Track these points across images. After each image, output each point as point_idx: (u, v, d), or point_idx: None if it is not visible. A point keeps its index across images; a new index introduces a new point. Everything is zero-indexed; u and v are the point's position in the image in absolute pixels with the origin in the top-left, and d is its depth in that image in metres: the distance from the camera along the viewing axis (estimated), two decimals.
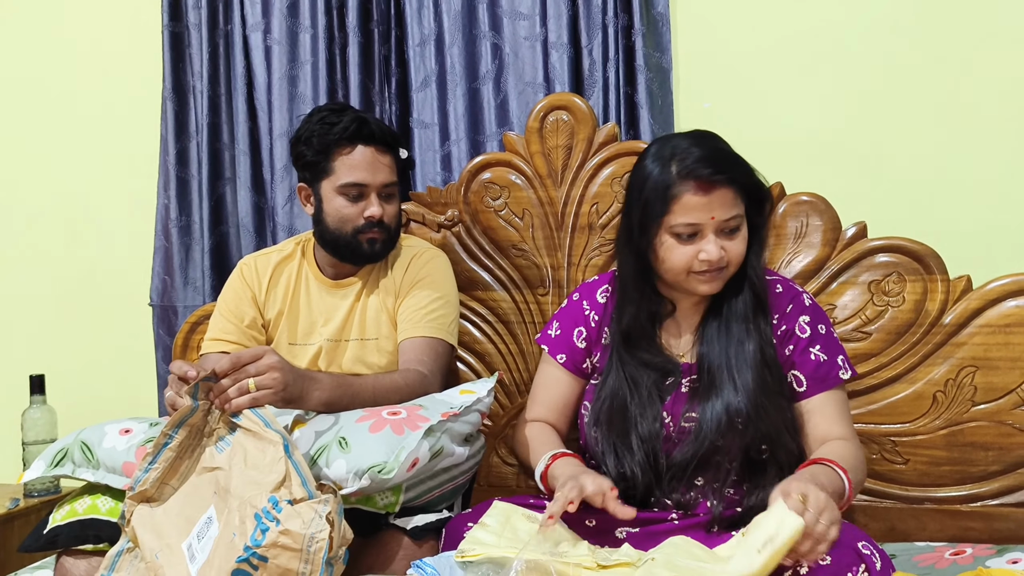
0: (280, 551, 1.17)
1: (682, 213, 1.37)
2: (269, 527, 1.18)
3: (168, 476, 1.37)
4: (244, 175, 2.27)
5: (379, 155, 1.70)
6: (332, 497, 1.22)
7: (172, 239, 2.32)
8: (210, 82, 2.26)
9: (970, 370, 1.67)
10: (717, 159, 1.37)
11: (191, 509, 1.32)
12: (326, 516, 1.19)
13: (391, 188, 1.73)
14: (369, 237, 1.70)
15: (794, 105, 2.01)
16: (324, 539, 1.17)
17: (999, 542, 1.57)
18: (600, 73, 2.04)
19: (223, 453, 1.32)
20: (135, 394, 2.41)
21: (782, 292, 1.49)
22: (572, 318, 1.57)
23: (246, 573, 1.18)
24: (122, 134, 2.45)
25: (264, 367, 1.35)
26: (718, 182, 1.36)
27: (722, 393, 1.39)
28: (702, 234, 1.38)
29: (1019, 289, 1.65)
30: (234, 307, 1.79)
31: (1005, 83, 1.89)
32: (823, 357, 1.45)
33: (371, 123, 1.70)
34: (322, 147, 1.69)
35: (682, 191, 1.37)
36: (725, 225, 1.38)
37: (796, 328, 1.45)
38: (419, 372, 1.62)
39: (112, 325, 2.48)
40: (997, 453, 1.65)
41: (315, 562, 1.17)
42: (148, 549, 1.32)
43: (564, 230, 1.92)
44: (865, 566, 1.18)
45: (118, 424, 1.56)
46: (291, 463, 1.25)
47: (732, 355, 1.41)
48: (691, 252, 1.39)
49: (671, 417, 1.43)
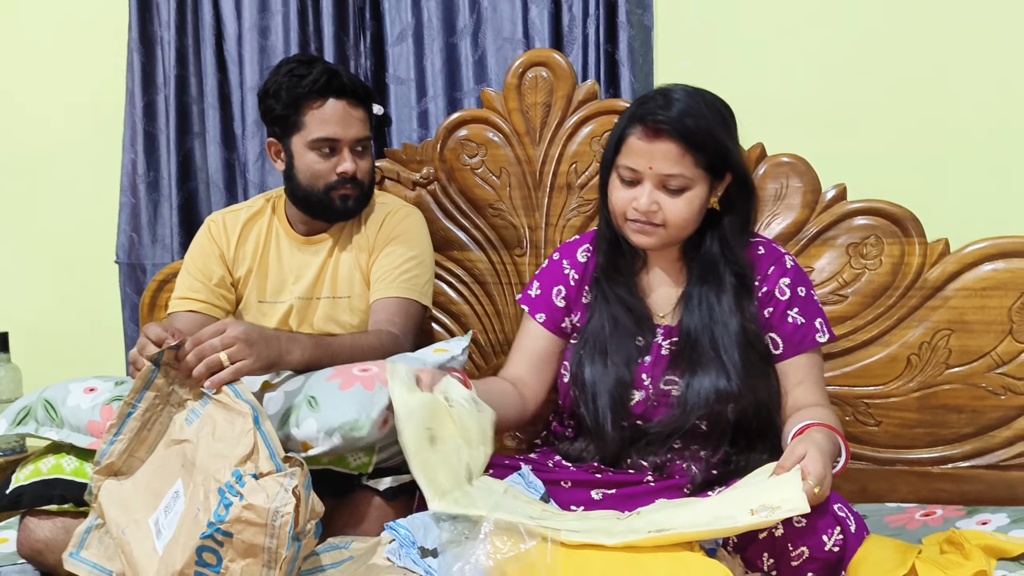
0: (244, 526, 1.13)
1: (626, 155, 1.37)
2: (232, 502, 1.13)
3: (136, 448, 1.32)
4: (213, 130, 2.22)
5: (351, 108, 1.65)
6: (299, 470, 1.18)
7: (139, 195, 2.27)
8: (178, 32, 2.20)
9: (945, 333, 1.67)
10: (675, 111, 1.33)
11: (159, 483, 1.28)
12: (292, 490, 1.14)
13: (364, 143, 1.69)
14: (342, 193, 1.66)
15: (776, 66, 1.98)
16: (289, 513, 1.13)
17: (969, 504, 1.59)
18: (580, 30, 2.00)
19: (192, 425, 1.27)
20: (101, 353, 2.37)
21: (764, 254, 1.46)
22: (552, 277, 1.55)
23: (211, 550, 1.14)
24: (86, 86, 2.38)
25: (229, 339, 1.28)
26: (663, 132, 1.33)
27: (709, 371, 1.37)
28: (641, 182, 1.36)
29: (996, 253, 1.65)
30: (201, 265, 1.75)
31: (987, 47, 1.88)
32: (800, 320, 1.43)
33: (342, 75, 1.65)
34: (291, 101, 1.64)
35: (629, 132, 1.36)
36: (666, 180, 1.35)
37: (776, 291, 1.44)
38: (391, 333, 1.59)
39: (77, 283, 2.43)
40: (970, 416, 1.67)
41: (281, 537, 1.13)
42: (115, 524, 1.28)
43: (542, 189, 1.89)
44: (840, 528, 1.18)
45: (83, 382, 1.53)
46: (260, 435, 1.20)
47: (718, 333, 1.39)
48: (628, 197, 1.38)
49: (650, 379, 1.42)
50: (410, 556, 1.22)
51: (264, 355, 1.33)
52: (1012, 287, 1.64)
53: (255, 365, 1.31)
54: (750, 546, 1.20)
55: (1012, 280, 1.64)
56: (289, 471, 1.17)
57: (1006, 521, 1.43)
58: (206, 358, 1.27)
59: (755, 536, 1.19)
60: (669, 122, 1.32)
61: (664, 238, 1.40)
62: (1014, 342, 1.64)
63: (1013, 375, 1.65)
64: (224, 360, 1.27)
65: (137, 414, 1.31)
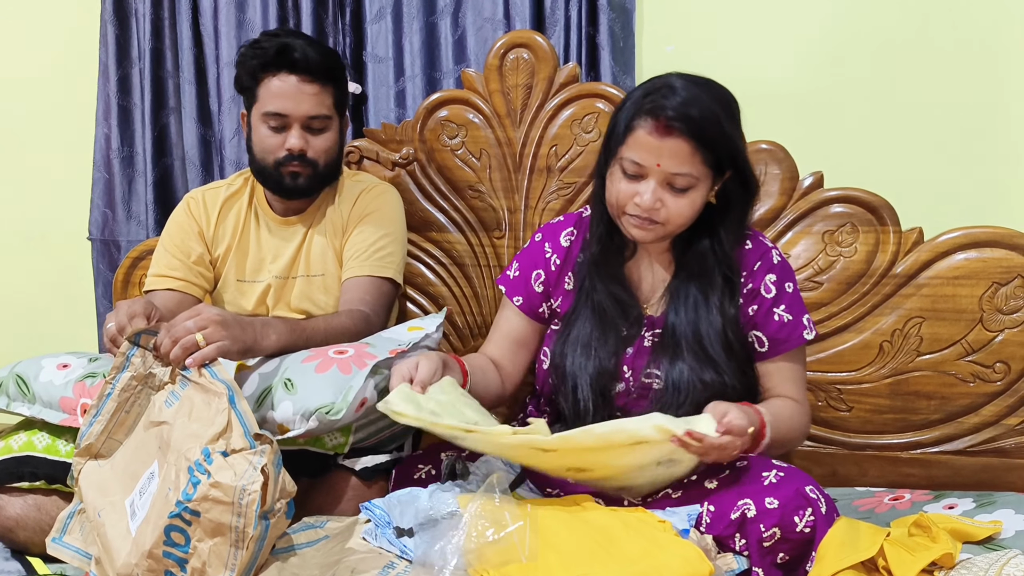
0: (212, 505, 1.12)
1: (633, 148, 1.31)
2: (200, 480, 1.12)
3: (115, 430, 1.31)
4: (189, 105, 2.18)
5: (303, 84, 1.60)
6: (268, 448, 1.16)
7: (113, 170, 2.23)
8: (153, 5, 2.16)
9: (917, 321, 1.70)
10: (689, 108, 1.27)
11: (136, 464, 1.27)
12: (261, 468, 1.13)
13: (320, 121, 1.63)
14: (291, 170, 1.63)
15: (756, 52, 1.99)
16: (256, 491, 1.11)
17: (936, 488, 1.62)
18: (562, 11, 1.99)
19: (171, 407, 1.26)
20: (74, 330, 2.34)
21: (751, 249, 1.42)
22: (532, 260, 1.52)
23: (179, 529, 1.13)
24: (59, 58, 2.33)
25: (203, 321, 1.28)
26: (675, 129, 1.27)
27: (693, 364, 1.36)
28: (645, 178, 1.32)
29: (969, 242, 1.67)
30: (180, 242, 1.73)
31: (964, 37, 1.89)
32: (787, 318, 1.40)
33: (295, 49, 1.59)
34: (250, 72, 1.62)
35: (639, 125, 1.30)
36: (672, 179, 1.30)
37: (762, 288, 1.41)
38: (362, 312, 1.58)
39: (50, 259, 2.40)
40: (939, 402, 1.70)
41: (248, 515, 1.11)
42: (91, 507, 1.27)
43: (522, 172, 1.89)
44: (811, 509, 1.19)
45: (56, 358, 1.51)
46: (235, 413, 1.19)
47: (702, 327, 1.37)
48: (630, 191, 1.33)
49: (632, 371, 1.41)
50: (386, 536, 1.22)
51: (239, 337, 1.32)
52: (983, 276, 1.66)
53: (233, 346, 1.30)
54: (721, 526, 1.21)
55: (984, 269, 1.66)
56: (259, 449, 1.16)
57: (972, 506, 1.46)
58: (180, 340, 1.26)
59: (727, 517, 1.20)
60: (683, 119, 1.27)
61: (661, 234, 1.36)
62: (984, 330, 1.67)
63: (982, 363, 1.67)
64: (200, 340, 1.26)
65: (114, 395, 1.30)
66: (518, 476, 1.36)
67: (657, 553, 1.13)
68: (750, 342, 1.41)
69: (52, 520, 1.43)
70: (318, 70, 1.62)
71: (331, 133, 1.67)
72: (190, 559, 1.15)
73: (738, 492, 1.22)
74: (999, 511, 1.40)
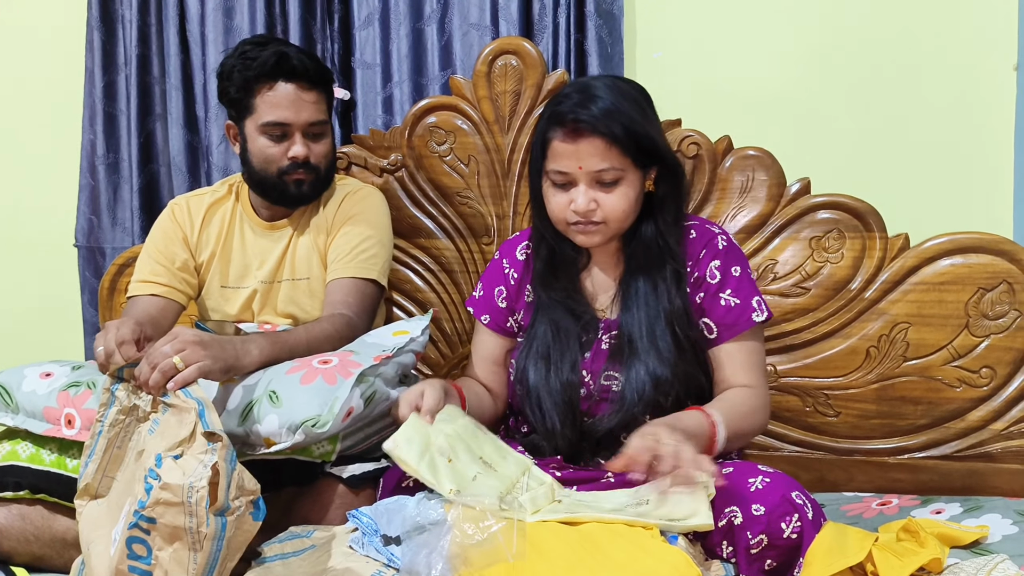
0: (164, 508, 1.09)
1: (553, 160, 1.34)
2: (152, 485, 1.10)
3: (109, 467, 1.29)
4: (176, 111, 2.18)
5: (302, 92, 1.61)
6: (219, 444, 1.13)
7: (99, 177, 2.22)
8: (140, 11, 2.16)
9: (903, 326, 1.70)
10: (588, 106, 1.30)
11: (124, 496, 1.25)
12: (212, 465, 1.10)
13: (319, 127, 1.64)
14: (295, 178, 1.63)
15: (744, 59, 2.00)
16: (203, 487, 1.08)
17: (924, 493, 1.62)
18: (551, 18, 1.99)
19: (153, 435, 1.25)
20: (59, 338, 2.32)
21: (696, 237, 1.42)
22: (493, 278, 1.53)
23: (140, 540, 1.11)
24: (44, 64, 2.32)
25: (180, 344, 1.26)
26: (584, 130, 1.30)
27: (645, 360, 1.36)
28: (575, 184, 1.34)
29: (955, 248, 1.68)
30: (164, 248, 1.72)
31: (949, 44, 1.91)
32: (734, 302, 1.39)
33: (292, 57, 1.60)
34: (243, 83, 1.61)
35: (552, 137, 1.33)
36: (598, 176, 1.32)
37: (707, 275, 1.40)
38: (345, 316, 1.57)
39: (35, 266, 2.38)
40: (926, 407, 1.70)
41: (199, 514, 1.09)
42: (85, 543, 1.25)
43: (510, 178, 1.89)
44: (798, 515, 1.19)
45: (38, 367, 1.50)
46: (201, 422, 1.17)
47: (653, 322, 1.37)
48: (565, 201, 1.35)
49: (590, 375, 1.40)
50: (373, 544, 1.21)
51: (219, 356, 1.30)
52: (969, 282, 1.67)
53: (214, 365, 1.28)
54: (708, 534, 1.21)
55: (969, 275, 1.67)
56: (208, 447, 1.14)
57: (959, 511, 1.46)
58: (159, 365, 1.24)
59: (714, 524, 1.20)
60: (589, 119, 1.30)
61: (607, 234, 1.38)
62: (970, 336, 1.68)
63: (968, 368, 1.68)
64: (178, 363, 1.24)
65: (104, 432, 1.28)
66: None
67: (645, 559, 1.13)
68: (700, 330, 1.41)
69: (36, 530, 1.41)
70: (315, 77, 1.62)
71: (328, 138, 1.68)
72: (153, 571, 1.13)
73: (724, 499, 1.22)
74: (986, 516, 1.41)
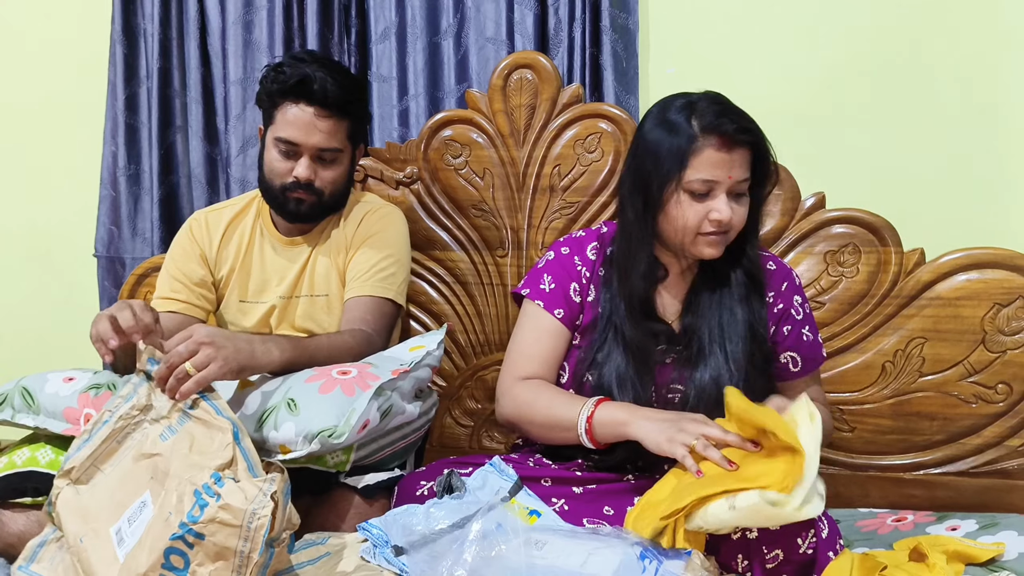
0: (218, 527, 1.11)
1: (702, 168, 1.33)
2: (209, 503, 1.11)
3: (100, 458, 1.31)
4: (196, 124, 2.20)
5: (318, 117, 1.61)
6: (279, 476, 1.16)
7: (120, 188, 2.25)
8: (161, 25, 2.18)
9: (919, 341, 1.70)
10: (740, 117, 1.34)
11: (123, 494, 1.26)
12: (271, 495, 1.12)
13: (331, 154, 1.64)
14: (295, 196, 1.65)
15: (758, 74, 2.00)
16: (266, 516, 1.10)
17: (939, 509, 1.61)
18: (565, 32, 2.00)
19: (167, 441, 1.26)
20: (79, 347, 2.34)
21: (776, 270, 1.46)
22: (566, 272, 1.49)
23: (179, 552, 1.12)
24: (68, 77, 2.36)
25: (194, 344, 1.27)
26: (741, 141, 1.33)
27: (710, 362, 1.37)
28: (714, 193, 1.34)
29: (970, 263, 1.68)
30: (182, 265, 1.74)
31: (963, 58, 1.91)
32: (811, 337, 1.47)
33: (314, 81, 1.60)
34: (268, 95, 1.65)
35: (704, 146, 1.32)
36: (738, 187, 1.35)
37: (792, 308, 1.45)
38: (364, 332, 1.58)
39: (56, 276, 2.41)
40: (941, 423, 1.69)
41: (255, 540, 1.10)
42: (72, 534, 1.26)
43: (525, 191, 1.90)
44: (814, 531, 1.19)
45: (61, 373, 1.53)
46: (240, 450, 1.19)
47: (725, 325, 1.39)
48: (703, 211, 1.34)
49: (654, 387, 1.41)
50: (383, 555, 1.22)
51: (233, 358, 1.31)
52: (985, 297, 1.67)
53: (222, 369, 1.29)
54: (723, 547, 1.21)
55: (985, 290, 1.67)
56: (269, 477, 1.16)
57: (975, 527, 1.45)
58: (175, 369, 1.26)
59: (728, 537, 1.20)
60: (745, 131, 1.33)
61: (726, 244, 1.40)
62: (986, 351, 1.67)
63: (984, 384, 1.67)
64: (189, 370, 1.25)
65: (112, 422, 1.30)
66: (515, 483, 1.36)
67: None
68: (784, 362, 1.46)
69: None
70: (335, 104, 1.62)
71: (342, 166, 1.68)
72: None
73: None
74: (1002, 533, 1.40)
